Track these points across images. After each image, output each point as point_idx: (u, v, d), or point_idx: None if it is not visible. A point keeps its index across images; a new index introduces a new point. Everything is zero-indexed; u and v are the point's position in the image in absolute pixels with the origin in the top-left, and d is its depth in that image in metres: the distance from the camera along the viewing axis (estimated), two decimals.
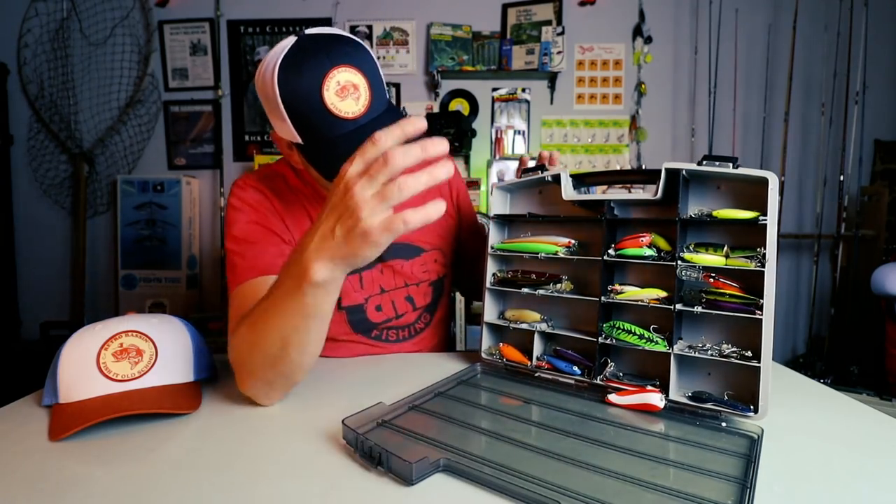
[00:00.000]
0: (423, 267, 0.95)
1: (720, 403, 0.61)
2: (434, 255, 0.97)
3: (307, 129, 0.71)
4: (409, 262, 0.93)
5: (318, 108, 0.68)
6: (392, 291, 0.92)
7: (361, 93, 0.70)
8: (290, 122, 0.70)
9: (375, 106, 0.72)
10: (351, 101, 0.69)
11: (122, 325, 0.68)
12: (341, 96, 0.69)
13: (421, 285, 0.95)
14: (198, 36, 2.84)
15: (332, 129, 0.69)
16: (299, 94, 0.68)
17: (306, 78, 0.68)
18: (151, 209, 2.75)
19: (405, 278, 0.93)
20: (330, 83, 0.68)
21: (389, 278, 0.92)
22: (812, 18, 2.56)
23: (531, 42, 2.69)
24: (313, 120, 0.69)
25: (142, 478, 0.50)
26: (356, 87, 0.70)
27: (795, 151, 2.66)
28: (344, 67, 0.69)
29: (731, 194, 0.68)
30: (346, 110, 0.69)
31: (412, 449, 0.52)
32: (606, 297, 0.71)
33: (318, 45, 0.70)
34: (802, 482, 0.48)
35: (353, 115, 0.70)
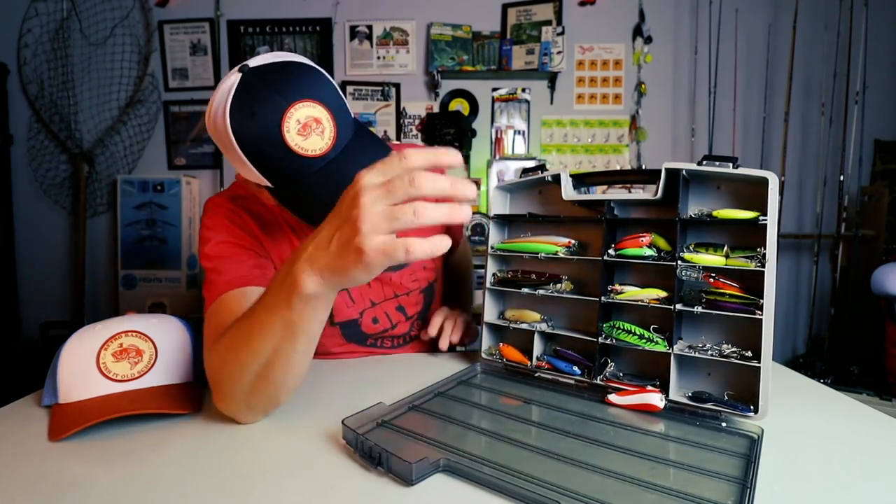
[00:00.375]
0: (411, 276, 0.93)
1: (720, 403, 0.61)
2: (423, 262, 0.95)
3: (273, 172, 0.65)
4: (397, 273, 0.91)
5: (282, 150, 0.62)
6: (383, 303, 0.91)
7: (325, 125, 0.64)
8: (254, 167, 0.64)
9: (342, 135, 0.66)
10: (316, 137, 0.64)
11: (122, 325, 0.68)
12: (304, 135, 0.63)
13: (411, 294, 0.94)
14: (198, 36, 2.84)
15: (301, 170, 0.64)
16: (258, 139, 0.62)
17: (262, 120, 0.62)
18: (151, 209, 2.75)
19: (394, 289, 0.91)
20: (289, 123, 0.62)
21: (378, 291, 0.90)
22: (812, 18, 2.56)
23: (531, 42, 2.69)
24: (278, 163, 0.64)
25: (142, 478, 0.50)
26: (318, 122, 0.64)
27: (795, 151, 2.66)
28: (301, 103, 0.63)
29: (731, 194, 0.68)
30: (312, 148, 0.63)
31: (412, 449, 0.52)
32: (606, 297, 0.71)
33: (267, 81, 0.63)
34: (802, 482, 0.48)
35: (322, 152, 0.64)
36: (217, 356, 0.61)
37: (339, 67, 2.79)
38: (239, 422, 0.62)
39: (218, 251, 0.76)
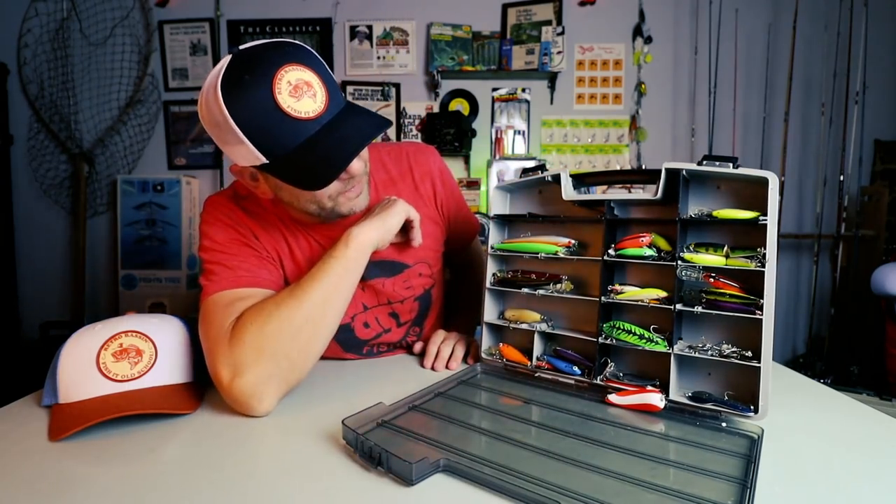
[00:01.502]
0: (405, 284, 0.90)
1: (720, 403, 0.61)
2: (419, 268, 0.91)
3: (269, 143, 0.64)
4: (390, 281, 0.88)
5: (276, 115, 0.62)
6: (374, 308, 0.89)
7: (316, 89, 0.64)
8: (249, 142, 0.63)
9: (334, 102, 0.66)
10: (308, 99, 0.63)
11: (122, 325, 0.68)
12: (296, 96, 0.62)
13: (405, 302, 0.91)
14: (198, 36, 2.84)
15: (296, 134, 0.63)
16: (250, 106, 0.62)
17: (252, 88, 0.61)
18: (151, 209, 2.75)
19: (387, 296, 0.89)
20: (280, 85, 0.62)
21: (371, 297, 0.88)
22: (812, 18, 2.56)
23: (531, 42, 2.69)
24: (273, 131, 0.63)
25: (142, 478, 0.50)
26: (309, 85, 0.64)
27: (795, 151, 2.66)
28: (291, 66, 0.63)
29: (731, 194, 0.68)
30: (304, 110, 0.63)
31: (412, 449, 0.52)
32: (606, 297, 0.71)
33: (256, 54, 0.64)
34: (802, 482, 0.48)
35: (316, 114, 0.64)
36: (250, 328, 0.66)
37: (339, 67, 2.79)
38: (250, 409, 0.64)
39: (223, 245, 0.77)
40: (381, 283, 0.87)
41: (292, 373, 0.67)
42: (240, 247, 0.78)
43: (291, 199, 0.74)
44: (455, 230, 0.98)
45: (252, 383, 0.64)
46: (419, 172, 0.92)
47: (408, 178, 0.91)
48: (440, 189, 0.93)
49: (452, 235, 0.98)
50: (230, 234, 0.78)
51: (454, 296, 1.06)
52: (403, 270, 0.89)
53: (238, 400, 0.64)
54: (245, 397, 0.64)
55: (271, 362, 0.65)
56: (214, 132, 0.66)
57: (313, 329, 0.69)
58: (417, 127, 2.85)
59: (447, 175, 0.96)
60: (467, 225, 1.02)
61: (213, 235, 0.78)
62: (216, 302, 0.71)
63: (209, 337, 0.68)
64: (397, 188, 0.90)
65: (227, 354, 0.65)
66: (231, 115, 0.62)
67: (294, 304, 0.68)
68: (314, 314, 0.68)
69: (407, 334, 0.93)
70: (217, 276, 0.74)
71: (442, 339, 0.87)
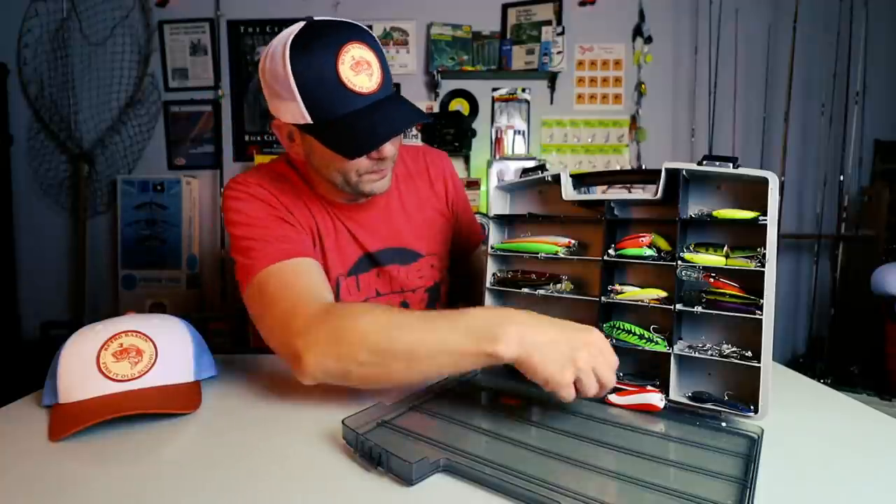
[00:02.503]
0: (418, 273, 0.93)
1: (720, 403, 0.61)
2: (431, 260, 0.95)
3: (319, 106, 0.69)
4: (405, 268, 0.92)
5: (333, 82, 0.67)
6: (388, 295, 0.91)
7: (374, 70, 0.70)
8: (301, 100, 0.68)
9: (385, 87, 0.72)
10: (364, 76, 0.69)
11: (122, 325, 0.68)
12: (356, 71, 0.68)
13: (417, 291, 0.94)
14: (198, 36, 2.84)
15: (346, 104, 0.69)
16: (312, 68, 0.67)
17: (320, 53, 0.67)
18: (151, 209, 2.75)
19: (401, 284, 0.92)
20: (345, 57, 0.68)
21: (385, 283, 0.91)
22: (812, 18, 2.56)
23: (531, 42, 2.69)
24: (326, 95, 0.68)
25: (142, 478, 0.50)
26: (369, 64, 0.70)
27: (795, 151, 2.65)
28: (357, 44, 0.69)
29: (731, 194, 0.68)
30: (360, 85, 0.69)
31: (412, 449, 0.52)
32: (606, 297, 0.71)
33: (328, 25, 0.70)
34: (802, 482, 0.49)
35: (368, 91, 0.69)
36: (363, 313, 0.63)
37: None
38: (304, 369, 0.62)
39: (259, 221, 0.77)
40: (397, 269, 0.91)
41: (346, 378, 0.63)
42: (277, 221, 0.79)
43: (320, 165, 0.78)
44: (461, 232, 1.03)
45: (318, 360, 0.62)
46: (434, 171, 0.99)
47: (424, 175, 0.98)
48: (451, 190, 1.01)
49: (458, 237, 1.02)
50: (266, 210, 0.79)
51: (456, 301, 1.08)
52: (417, 259, 0.93)
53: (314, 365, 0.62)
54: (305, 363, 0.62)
55: (344, 358, 0.61)
56: (270, 83, 0.71)
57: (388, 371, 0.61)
58: (418, 127, 2.85)
59: (458, 179, 1.04)
60: (472, 229, 1.06)
61: (249, 211, 0.78)
62: (268, 277, 0.71)
63: (277, 309, 0.67)
64: (415, 183, 0.96)
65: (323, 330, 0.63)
66: (292, 72, 0.67)
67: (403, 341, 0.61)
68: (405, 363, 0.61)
69: None
70: (260, 252, 0.73)
71: None
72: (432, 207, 0.97)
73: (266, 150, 2.83)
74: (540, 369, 0.56)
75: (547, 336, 0.57)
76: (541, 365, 0.56)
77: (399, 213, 0.93)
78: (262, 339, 0.72)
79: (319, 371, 0.63)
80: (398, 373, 0.61)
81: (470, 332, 0.59)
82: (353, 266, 0.88)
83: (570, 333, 0.58)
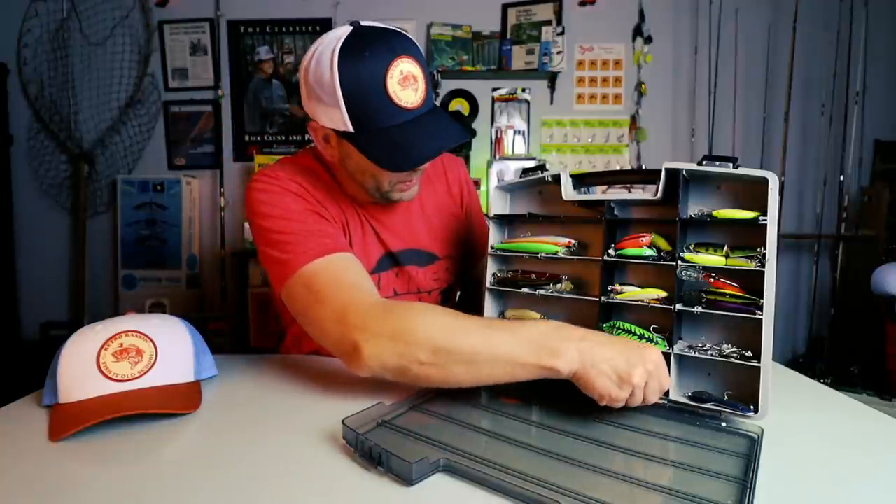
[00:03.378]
0: (434, 275, 0.95)
1: (720, 403, 0.61)
2: (446, 263, 0.97)
3: (363, 117, 0.69)
4: (422, 270, 0.93)
5: (380, 95, 0.68)
6: (404, 296, 0.92)
7: (420, 85, 0.71)
8: (345, 108, 0.69)
9: (429, 99, 0.73)
10: (411, 91, 0.70)
11: (122, 325, 0.68)
12: (403, 86, 0.69)
13: (432, 293, 0.95)
14: (198, 36, 2.84)
15: (392, 117, 0.69)
16: (361, 79, 0.68)
17: (370, 64, 0.67)
18: (151, 209, 2.75)
19: (418, 285, 0.93)
20: (394, 72, 0.68)
21: (403, 283, 0.91)
22: (812, 18, 2.56)
23: (531, 42, 2.69)
24: (371, 107, 0.69)
25: (142, 478, 0.50)
26: (416, 79, 0.70)
27: (795, 151, 2.66)
28: (406, 58, 0.69)
29: (731, 194, 0.67)
30: (406, 100, 0.70)
31: (412, 449, 0.52)
32: (606, 297, 0.71)
33: (377, 35, 0.71)
34: (802, 482, 0.48)
35: (412, 106, 0.70)
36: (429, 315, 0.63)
37: None
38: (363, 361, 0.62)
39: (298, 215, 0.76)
40: (415, 270, 0.92)
41: (404, 374, 0.63)
42: (314, 215, 0.78)
43: (355, 170, 0.78)
44: (473, 237, 1.04)
45: (378, 349, 0.62)
46: (452, 176, 1.01)
47: (442, 179, 0.99)
48: (467, 196, 1.03)
49: (470, 242, 1.03)
50: (300, 203, 0.78)
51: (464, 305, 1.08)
52: (434, 262, 0.94)
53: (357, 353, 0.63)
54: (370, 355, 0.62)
55: (406, 356, 0.61)
56: (314, 88, 0.71)
57: (446, 372, 0.61)
58: None
59: (472, 186, 1.06)
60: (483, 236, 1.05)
61: (282, 204, 0.77)
62: (313, 274, 0.70)
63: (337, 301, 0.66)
64: (433, 186, 0.97)
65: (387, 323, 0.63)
66: (340, 80, 0.67)
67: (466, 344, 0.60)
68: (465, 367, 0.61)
69: None
70: (299, 248, 0.72)
71: None
72: (449, 211, 0.99)
73: (266, 151, 2.83)
74: (598, 385, 0.57)
75: (606, 353, 0.58)
76: (598, 380, 0.57)
77: (419, 215, 0.93)
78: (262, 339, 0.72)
79: (378, 365, 0.63)
80: (456, 375, 0.61)
81: (531, 343, 0.59)
82: (376, 264, 0.88)
83: (629, 351, 0.58)
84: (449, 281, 0.98)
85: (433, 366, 0.61)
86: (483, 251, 1.06)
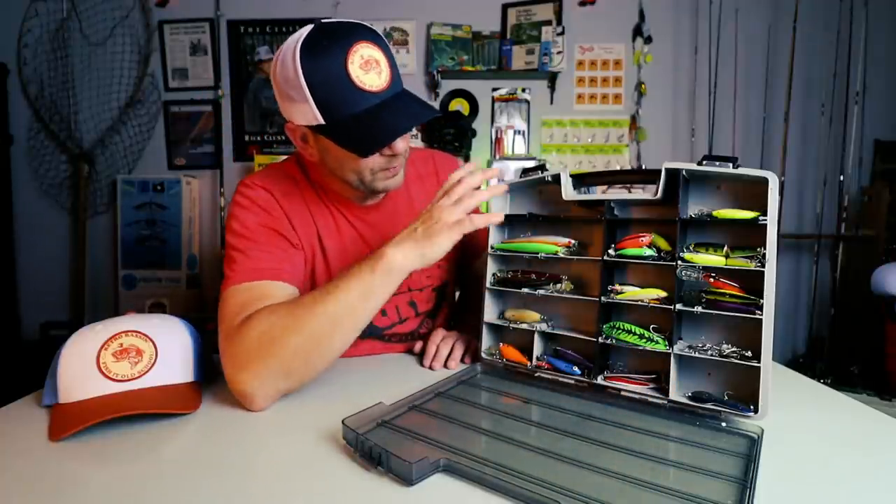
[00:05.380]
0: (426, 272, 0.94)
1: (720, 403, 0.61)
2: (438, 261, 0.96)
3: (330, 106, 0.70)
4: None
5: (343, 81, 0.68)
6: (396, 296, 0.90)
7: (383, 69, 0.71)
8: (313, 101, 0.69)
9: (395, 83, 0.73)
10: (374, 74, 0.70)
11: (122, 325, 0.68)
12: (365, 70, 0.69)
13: (424, 290, 0.95)
14: (198, 36, 2.84)
15: (357, 103, 0.70)
16: (322, 69, 0.68)
17: (330, 54, 0.68)
18: (151, 209, 2.75)
19: (409, 283, 0.92)
20: (354, 57, 0.69)
21: None
22: (812, 18, 2.56)
23: (531, 42, 2.69)
24: (337, 95, 0.69)
25: (141, 478, 0.50)
26: (378, 62, 0.70)
27: (795, 151, 2.66)
28: (366, 43, 0.70)
29: (731, 194, 0.67)
30: (370, 84, 0.70)
31: (412, 449, 0.52)
32: (606, 297, 0.71)
33: (338, 26, 0.71)
34: (802, 482, 0.49)
35: (377, 89, 0.70)
36: (260, 323, 0.67)
37: None
38: (252, 403, 0.66)
39: (252, 232, 0.78)
40: None
41: (287, 381, 0.68)
42: (269, 234, 0.79)
43: (335, 166, 0.78)
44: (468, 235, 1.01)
45: (248, 381, 0.65)
46: (444, 175, 0.99)
47: (433, 178, 0.99)
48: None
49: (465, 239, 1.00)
50: (261, 219, 0.80)
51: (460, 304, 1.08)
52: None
53: (237, 391, 0.66)
54: (240, 393, 0.66)
55: (269, 367, 0.65)
56: (283, 86, 0.72)
57: (317, 347, 0.67)
58: (419, 128, 2.85)
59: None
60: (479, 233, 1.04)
61: (244, 219, 0.79)
62: (233, 294, 0.73)
63: (221, 329, 0.70)
64: (424, 185, 0.97)
65: (232, 349, 0.67)
66: (303, 74, 0.68)
67: (307, 315, 0.66)
68: (322, 332, 0.67)
69: (420, 326, 0.96)
70: (239, 266, 0.75)
71: (441, 338, 0.87)
72: None
73: (266, 151, 2.83)
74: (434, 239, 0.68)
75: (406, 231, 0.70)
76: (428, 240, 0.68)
77: (408, 214, 0.93)
78: None
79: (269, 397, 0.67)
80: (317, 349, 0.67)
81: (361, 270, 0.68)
82: None
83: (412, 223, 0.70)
84: (443, 278, 0.97)
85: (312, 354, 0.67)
86: (479, 248, 1.06)
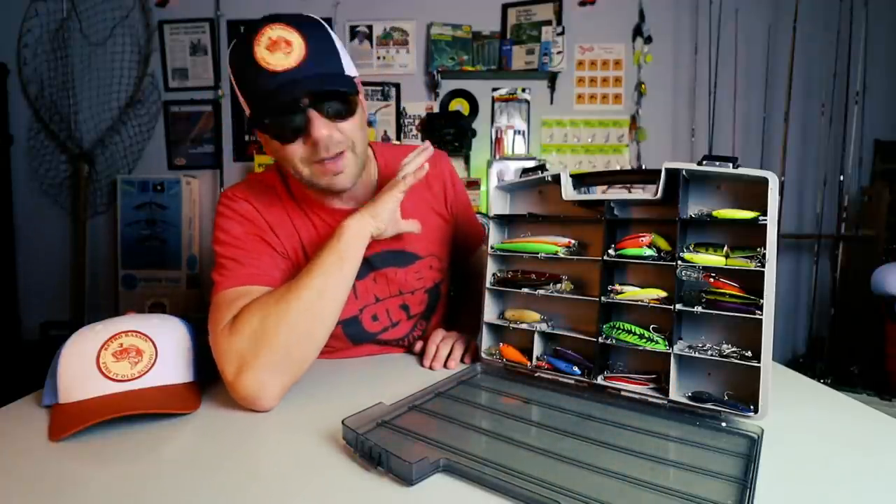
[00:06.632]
0: (417, 274, 0.93)
1: (720, 403, 0.61)
2: (430, 261, 0.95)
3: (248, 93, 0.70)
4: (402, 270, 0.91)
5: (251, 64, 0.67)
6: (386, 300, 0.90)
7: (295, 50, 0.67)
8: (239, 91, 0.70)
9: (310, 64, 0.68)
10: (281, 54, 0.67)
11: (122, 325, 0.68)
12: (271, 50, 0.67)
13: (416, 293, 0.93)
14: (198, 36, 2.84)
15: (263, 83, 0.67)
16: (236, 56, 0.69)
17: (243, 39, 0.68)
18: (151, 209, 2.75)
19: (399, 286, 0.91)
20: (262, 38, 0.67)
21: (383, 286, 0.90)
22: (812, 18, 2.56)
23: (531, 42, 2.69)
24: (249, 79, 0.68)
25: (141, 478, 0.50)
26: (288, 43, 0.67)
27: (795, 151, 2.66)
28: (279, 25, 0.68)
29: (731, 194, 0.67)
30: (275, 63, 0.66)
31: (412, 449, 0.52)
32: (606, 298, 0.71)
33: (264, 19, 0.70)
34: (802, 482, 0.48)
35: (283, 68, 0.66)
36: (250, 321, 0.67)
37: None
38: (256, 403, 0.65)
39: (238, 240, 0.78)
40: (394, 272, 0.90)
41: (293, 364, 0.68)
42: (255, 242, 0.79)
43: (281, 159, 0.77)
44: (462, 233, 1.02)
45: (255, 377, 0.65)
46: (432, 173, 0.96)
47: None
48: (450, 191, 1.00)
49: (459, 237, 1.02)
50: (246, 228, 0.80)
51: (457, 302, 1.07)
52: (415, 261, 0.93)
53: (243, 394, 0.65)
54: (249, 391, 0.65)
55: (271, 355, 0.66)
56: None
57: (311, 319, 0.69)
58: (417, 127, 2.85)
59: (457, 180, 1.03)
60: (473, 230, 1.06)
61: (229, 229, 0.79)
62: (223, 298, 0.73)
63: (214, 333, 0.70)
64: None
65: (229, 349, 0.66)
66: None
67: (291, 296, 0.68)
68: (312, 305, 0.68)
69: (414, 328, 0.95)
70: (228, 272, 0.75)
71: (441, 338, 0.87)
72: (430, 208, 0.97)
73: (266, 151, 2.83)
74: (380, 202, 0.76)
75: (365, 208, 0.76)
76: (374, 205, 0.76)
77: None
78: None
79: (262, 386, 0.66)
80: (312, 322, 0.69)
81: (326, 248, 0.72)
82: None
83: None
84: (435, 279, 0.96)
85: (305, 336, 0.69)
86: (474, 245, 1.06)
